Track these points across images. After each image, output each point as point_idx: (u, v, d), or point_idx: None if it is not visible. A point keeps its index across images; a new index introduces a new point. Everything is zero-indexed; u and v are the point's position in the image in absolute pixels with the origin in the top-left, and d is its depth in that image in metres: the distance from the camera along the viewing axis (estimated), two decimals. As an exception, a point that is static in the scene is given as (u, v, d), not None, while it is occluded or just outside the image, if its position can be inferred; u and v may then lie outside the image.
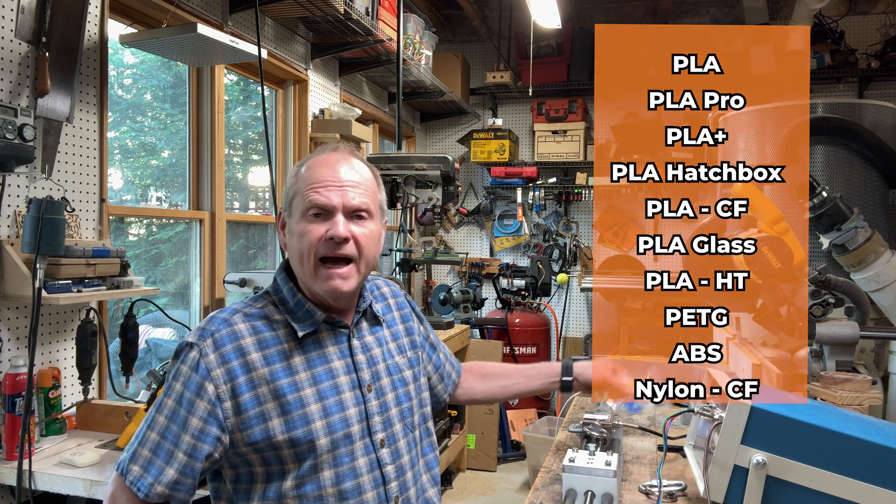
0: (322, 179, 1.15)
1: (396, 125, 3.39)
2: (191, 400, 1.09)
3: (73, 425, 2.07)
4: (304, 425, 1.11)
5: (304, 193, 1.15)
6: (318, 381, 1.15)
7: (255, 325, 1.16)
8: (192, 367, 1.11)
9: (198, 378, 1.10)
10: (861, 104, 1.96)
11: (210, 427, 1.09)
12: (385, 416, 1.21)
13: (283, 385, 1.12)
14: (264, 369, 1.12)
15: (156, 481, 1.08)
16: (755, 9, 4.63)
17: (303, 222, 1.15)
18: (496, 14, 5.35)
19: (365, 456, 1.17)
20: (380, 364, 1.24)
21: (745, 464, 0.94)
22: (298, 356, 1.15)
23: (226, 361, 1.11)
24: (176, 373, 1.12)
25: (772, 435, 0.92)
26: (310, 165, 1.19)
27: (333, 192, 1.15)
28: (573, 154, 5.18)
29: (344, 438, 1.15)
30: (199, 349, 1.11)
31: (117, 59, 2.65)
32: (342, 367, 1.19)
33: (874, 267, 1.71)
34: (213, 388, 1.09)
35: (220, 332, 1.14)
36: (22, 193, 1.97)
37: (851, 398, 1.35)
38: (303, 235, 1.14)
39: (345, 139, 3.82)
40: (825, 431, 0.91)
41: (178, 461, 1.08)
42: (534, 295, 4.87)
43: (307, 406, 1.12)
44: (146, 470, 1.09)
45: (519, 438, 4.29)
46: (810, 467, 0.90)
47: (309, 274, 1.16)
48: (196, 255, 3.01)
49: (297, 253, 1.16)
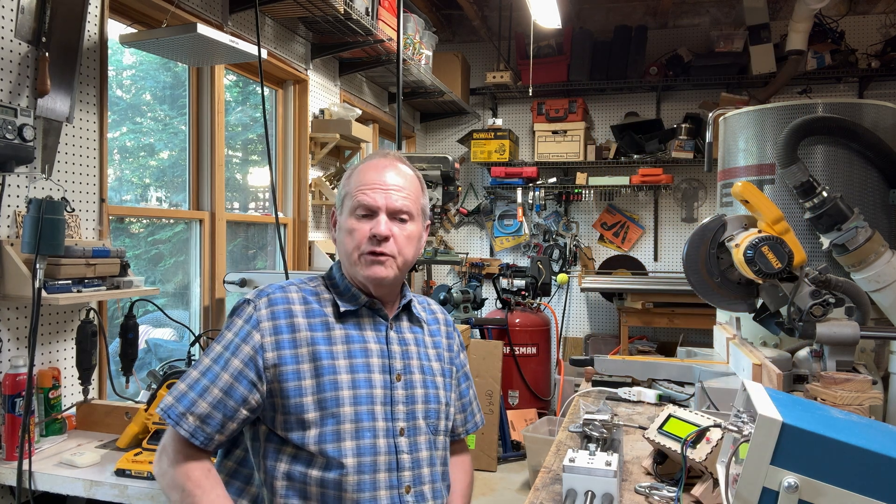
0: (370, 182, 1.29)
1: (396, 125, 3.39)
2: (237, 345, 1.21)
3: (73, 425, 2.07)
4: (333, 390, 1.20)
5: (354, 194, 1.29)
6: (353, 355, 1.25)
7: (306, 297, 1.28)
8: (245, 319, 1.23)
9: (248, 327, 1.22)
10: (861, 104, 1.95)
11: (248, 371, 1.19)
12: (410, 408, 1.28)
13: (321, 350, 1.22)
14: (307, 333, 1.23)
15: (187, 410, 1.17)
16: (755, 9, 4.63)
17: (351, 220, 1.28)
18: (496, 14, 5.35)
19: (385, 438, 1.23)
20: (413, 360, 1.32)
21: (774, 486, 0.86)
22: (339, 330, 1.26)
23: (275, 318, 1.23)
24: (230, 324, 1.24)
25: (805, 455, 0.84)
26: (361, 169, 1.32)
27: (378, 194, 1.28)
28: (573, 154, 5.18)
29: (367, 413, 1.22)
30: (254, 305, 1.24)
31: (116, 59, 2.65)
32: (377, 350, 1.28)
33: (874, 267, 1.71)
34: (259, 337, 1.20)
35: (275, 294, 1.26)
36: (22, 193, 1.97)
37: (851, 398, 1.35)
38: (351, 232, 1.28)
39: (344, 139, 3.83)
40: (864, 452, 0.84)
41: (213, 396, 1.18)
42: (534, 295, 4.86)
43: (338, 374, 1.22)
44: (179, 400, 1.18)
45: (519, 438, 4.29)
46: (847, 492, 0.83)
47: (353, 263, 1.28)
48: (196, 256, 3.01)
49: (344, 247, 1.30)
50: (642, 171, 4.99)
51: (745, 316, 1.79)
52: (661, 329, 5.07)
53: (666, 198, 5.34)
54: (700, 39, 5.20)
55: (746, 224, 1.65)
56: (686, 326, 4.66)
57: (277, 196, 3.61)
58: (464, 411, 1.48)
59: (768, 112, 1.98)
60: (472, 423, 1.50)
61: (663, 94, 5.29)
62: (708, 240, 1.67)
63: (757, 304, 1.68)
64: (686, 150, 4.96)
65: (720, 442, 1.19)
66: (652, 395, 1.95)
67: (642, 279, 5.01)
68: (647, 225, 5.38)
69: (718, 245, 1.67)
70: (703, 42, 5.16)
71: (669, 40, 5.28)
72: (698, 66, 4.97)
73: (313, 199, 3.81)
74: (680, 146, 4.97)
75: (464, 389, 1.48)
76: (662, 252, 5.37)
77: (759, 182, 1.95)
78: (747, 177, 2.00)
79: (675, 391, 1.98)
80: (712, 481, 1.21)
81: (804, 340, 1.57)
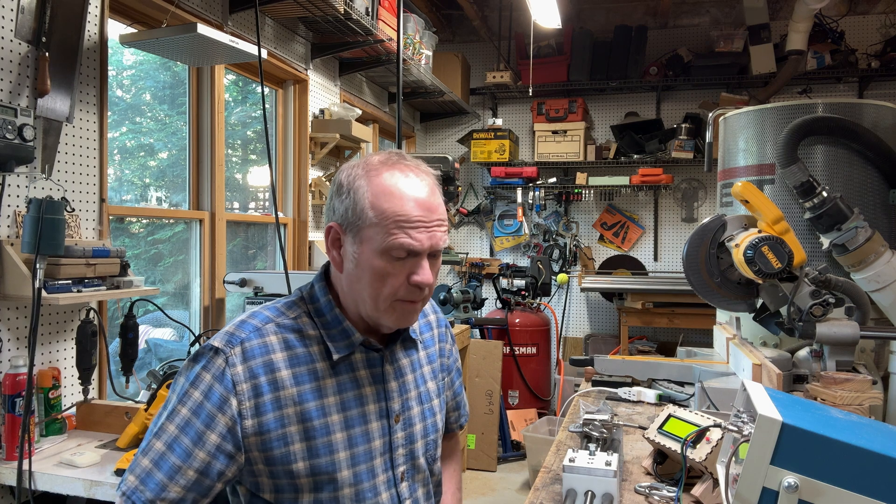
0: (412, 217, 1.02)
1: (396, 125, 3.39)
2: (211, 414, 0.99)
3: (73, 425, 2.07)
4: (328, 454, 1.04)
5: (388, 229, 1.01)
6: (347, 407, 1.08)
7: (287, 338, 1.06)
8: (216, 377, 1.01)
9: (221, 390, 1.00)
10: (861, 104, 1.95)
11: (227, 445, 1.00)
12: (409, 448, 1.15)
13: (310, 409, 1.04)
14: (293, 389, 1.03)
15: (156, 497, 0.98)
16: (755, 9, 4.63)
17: (381, 261, 1.03)
18: (496, 14, 5.35)
19: (386, 491, 1.11)
20: (411, 392, 1.17)
21: (774, 486, 0.85)
22: (330, 378, 1.07)
23: (254, 376, 1.01)
24: (195, 379, 1.01)
25: (805, 455, 0.84)
26: (390, 192, 1.03)
27: (423, 234, 1.03)
28: (573, 154, 5.18)
29: (367, 472, 1.08)
30: (226, 357, 1.01)
31: (116, 59, 2.65)
32: (372, 393, 1.11)
33: (874, 267, 1.71)
34: (237, 404, 1.00)
35: (250, 341, 1.04)
36: (22, 193, 1.97)
37: (851, 398, 1.35)
38: (383, 277, 1.03)
39: (344, 139, 3.83)
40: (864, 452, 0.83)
41: (187, 478, 0.98)
42: (534, 295, 4.86)
43: (332, 434, 1.05)
44: (144, 483, 0.98)
45: (519, 438, 4.29)
46: (847, 492, 0.83)
47: (380, 310, 1.06)
48: (196, 256, 3.01)
49: (369, 289, 1.05)
50: (642, 171, 4.99)
51: (745, 316, 1.79)
52: (661, 329, 5.07)
53: (666, 198, 5.34)
54: (700, 39, 5.20)
55: (746, 224, 1.65)
56: (686, 326, 4.66)
57: (277, 196, 3.61)
58: (458, 408, 1.40)
59: (768, 112, 1.98)
60: (465, 416, 1.44)
61: (663, 94, 5.29)
62: (708, 240, 1.67)
63: (757, 304, 1.68)
64: (686, 150, 4.96)
65: (720, 442, 1.19)
66: (652, 395, 1.95)
67: (642, 279, 5.01)
68: (647, 225, 5.39)
69: (718, 245, 1.67)
70: (703, 42, 5.16)
71: (669, 40, 5.28)
72: (698, 66, 4.97)
73: (313, 199, 3.81)
74: (680, 146, 4.97)
75: (458, 387, 1.39)
76: (662, 252, 5.37)
77: (759, 182, 1.95)
78: (747, 177, 2.00)
79: (675, 391, 1.98)
80: (712, 481, 1.21)
81: (804, 340, 1.57)
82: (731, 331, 1.91)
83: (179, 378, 1.04)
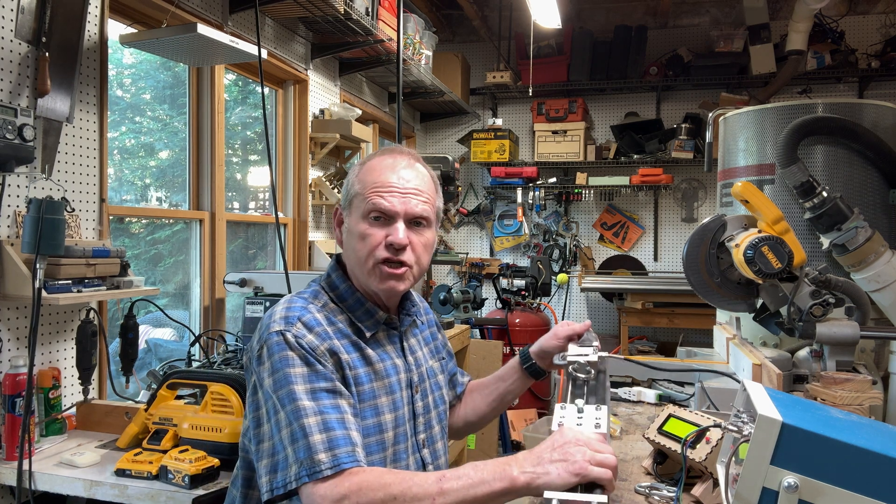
0: (386, 183, 1.16)
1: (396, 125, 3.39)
2: (320, 369, 1.06)
3: (73, 425, 2.07)
4: (375, 416, 1.13)
5: (367, 196, 1.16)
6: (388, 374, 1.18)
7: (327, 315, 1.16)
8: (297, 346, 1.06)
9: (308, 351, 1.06)
10: (861, 104, 1.95)
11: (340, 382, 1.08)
12: (427, 417, 1.26)
13: (360, 374, 1.13)
14: (346, 356, 1.12)
15: (353, 447, 1.00)
16: (755, 9, 4.63)
17: (363, 224, 1.16)
18: (496, 14, 5.35)
19: (412, 455, 1.20)
20: (423, 366, 1.28)
21: (774, 486, 0.86)
22: (369, 350, 1.17)
23: (323, 340, 1.10)
24: (282, 361, 1.05)
25: (805, 455, 0.84)
26: (373, 167, 1.19)
27: (396, 198, 1.16)
28: (573, 154, 5.18)
29: (402, 435, 1.18)
30: (293, 333, 1.07)
31: (116, 59, 2.65)
32: (402, 365, 1.22)
33: (874, 267, 1.71)
34: (323, 361, 1.08)
35: (304, 316, 1.11)
36: (22, 193, 1.97)
37: (851, 398, 1.35)
38: (364, 237, 1.16)
39: (344, 139, 3.82)
40: (865, 452, 0.83)
41: (352, 424, 1.04)
42: (534, 295, 4.86)
43: (378, 398, 1.14)
44: (333, 445, 1.00)
45: (519, 438, 4.29)
46: (847, 492, 0.83)
47: (367, 273, 1.17)
48: (196, 256, 3.01)
49: (355, 252, 1.18)
50: (642, 171, 4.99)
51: (745, 316, 1.79)
52: (661, 329, 5.07)
53: (666, 198, 5.34)
54: (700, 39, 5.20)
55: (746, 224, 1.65)
56: (686, 326, 4.66)
57: (277, 196, 3.61)
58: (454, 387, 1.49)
59: (768, 112, 1.97)
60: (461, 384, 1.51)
61: (663, 94, 5.29)
62: (708, 240, 1.67)
63: (757, 304, 1.68)
64: (686, 150, 4.96)
65: (720, 442, 1.19)
66: (652, 395, 1.96)
67: (642, 279, 5.01)
68: (647, 225, 5.38)
69: (718, 245, 1.67)
70: (703, 42, 5.16)
71: (669, 40, 5.28)
72: (698, 66, 4.97)
73: (313, 199, 3.81)
74: (680, 146, 4.97)
75: (451, 368, 1.48)
76: (662, 252, 5.37)
77: (759, 182, 1.95)
78: (747, 177, 2.00)
79: (675, 391, 1.98)
80: (712, 481, 1.21)
81: (804, 340, 1.57)
82: (731, 331, 1.91)
83: (269, 379, 1.05)
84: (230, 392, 1.76)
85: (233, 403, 1.75)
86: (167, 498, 1.60)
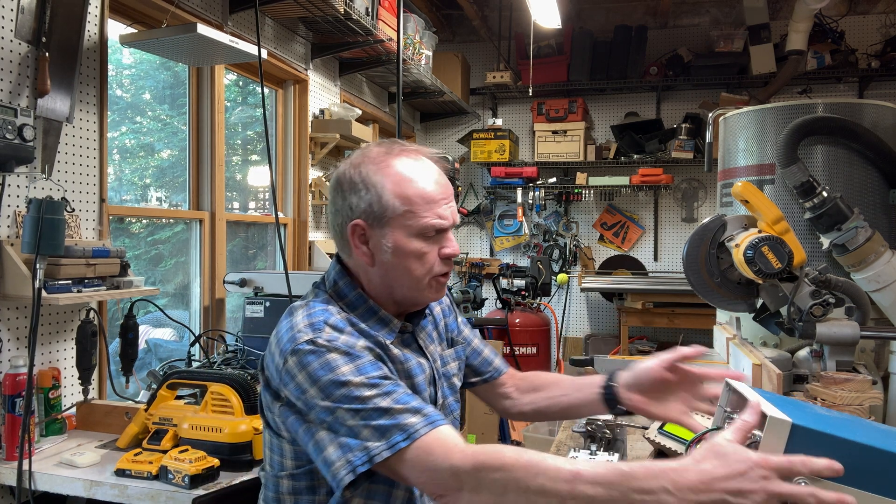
0: (433, 197, 1.12)
1: (396, 125, 3.39)
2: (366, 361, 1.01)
3: (73, 425, 2.07)
4: None
5: (418, 213, 1.10)
6: (414, 374, 1.16)
7: (349, 318, 1.11)
8: (335, 345, 1.01)
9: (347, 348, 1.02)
10: (861, 104, 1.95)
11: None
12: (444, 402, 1.25)
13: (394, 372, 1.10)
14: (381, 352, 1.09)
15: (419, 410, 0.97)
16: (755, 9, 4.63)
17: (417, 242, 1.10)
18: (496, 14, 5.35)
19: None
20: (438, 361, 1.27)
21: None
22: (395, 350, 1.13)
23: (357, 338, 1.06)
24: (323, 367, 0.99)
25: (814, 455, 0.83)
26: (405, 177, 1.11)
27: (447, 210, 1.13)
28: (573, 154, 5.18)
29: None
30: (325, 338, 1.02)
31: (116, 59, 2.65)
32: (425, 363, 1.20)
33: (874, 267, 1.71)
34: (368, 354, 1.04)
35: (329, 319, 1.06)
36: (22, 193, 1.97)
37: (851, 398, 1.35)
38: (421, 256, 1.11)
39: (344, 139, 3.82)
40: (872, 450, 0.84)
41: (406, 393, 1.01)
42: (534, 295, 4.86)
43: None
44: (423, 407, 0.98)
45: (519, 438, 4.29)
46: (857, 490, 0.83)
47: (422, 288, 1.14)
48: (196, 256, 3.01)
49: (408, 273, 1.12)
50: (642, 171, 4.99)
51: (745, 316, 1.79)
52: (661, 329, 5.06)
53: (666, 198, 5.34)
54: (700, 39, 5.19)
55: (746, 224, 1.65)
56: (686, 326, 4.66)
57: (277, 196, 3.61)
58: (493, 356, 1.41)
59: (768, 112, 1.98)
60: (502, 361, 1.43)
61: (663, 94, 5.29)
62: (708, 240, 1.67)
63: (757, 304, 1.68)
64: (686, 150, 4.96)
65: None
66: (652, 395, 1.95)
67: (642, 279, 5.01)
68: (647, 225, 5.38)
69: (718, 245, 1.67)
70: (703, 42, 5.16)
71: (669, 40, 5.28)
72: (698, 66, 4.97)
73: (313, 199, 3.80)
74: (680, 146, 4.97)
75: (478, 345, 1.41)
76: (662, 252, 5.37)
77: (759, 182, 1.95)
78: (747, 177, 2.00)
79: (675, 391, 1.98)
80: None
81: (804, 340, 1.57)
82: (731, 331, 1.91)
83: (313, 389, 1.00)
84: (230, 392, 1.76)
85: (233, 403, 1.75)
86: (167, 498, 1.60)
